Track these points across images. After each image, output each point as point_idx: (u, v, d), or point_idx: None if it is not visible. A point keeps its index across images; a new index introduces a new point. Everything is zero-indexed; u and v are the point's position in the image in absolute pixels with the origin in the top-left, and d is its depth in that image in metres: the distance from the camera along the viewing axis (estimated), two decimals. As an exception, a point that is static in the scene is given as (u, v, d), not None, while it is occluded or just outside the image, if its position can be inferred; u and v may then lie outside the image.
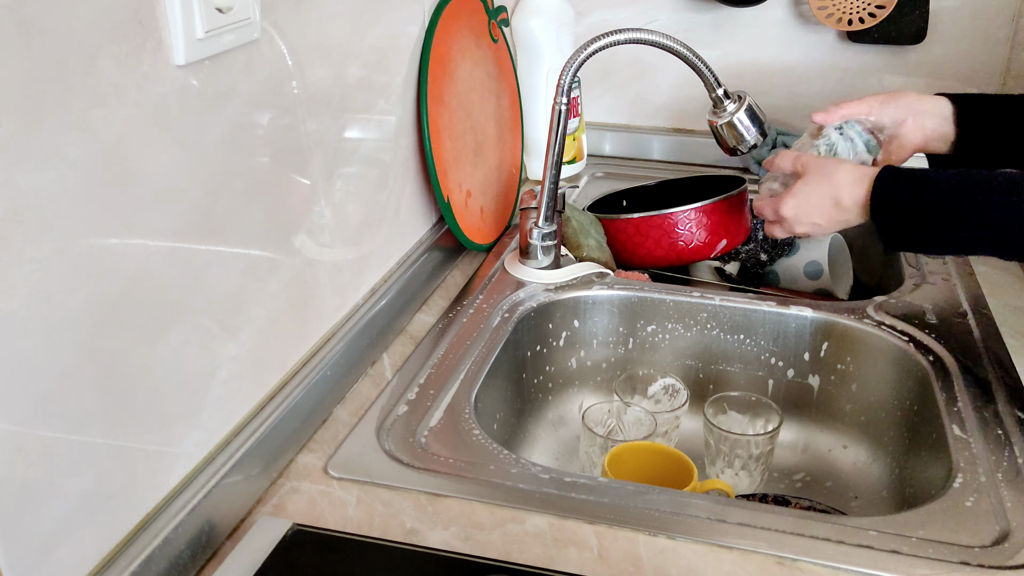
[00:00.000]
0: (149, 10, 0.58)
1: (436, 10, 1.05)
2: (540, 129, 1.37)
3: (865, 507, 0.92)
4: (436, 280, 1.09)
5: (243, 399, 0.73)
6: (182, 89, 0.62)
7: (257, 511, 0.72)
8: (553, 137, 1.01)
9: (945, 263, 1.12)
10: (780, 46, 1.42)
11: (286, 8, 0.73)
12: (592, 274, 1.08)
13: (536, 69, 1.34)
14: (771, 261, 1.24)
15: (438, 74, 1.04)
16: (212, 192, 0.66)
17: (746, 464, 0.91)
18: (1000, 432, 0.80)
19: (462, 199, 1.10)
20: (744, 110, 1.00)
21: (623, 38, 0.96)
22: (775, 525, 0.69)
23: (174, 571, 0.63)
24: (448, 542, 0.68)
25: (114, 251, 0.57)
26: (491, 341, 0.96)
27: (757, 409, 0.96)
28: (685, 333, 1.06)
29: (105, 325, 0.56)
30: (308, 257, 0.81)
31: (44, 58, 0.50)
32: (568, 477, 0.74)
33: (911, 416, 0.93)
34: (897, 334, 0.96)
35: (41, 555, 0.53)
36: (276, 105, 0.74)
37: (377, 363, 0.93)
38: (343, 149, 0.86)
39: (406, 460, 0.76)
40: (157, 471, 0.63)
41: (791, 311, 1.01)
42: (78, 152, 0.53)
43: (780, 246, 1.24)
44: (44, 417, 0.52)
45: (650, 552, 0.67)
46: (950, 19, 1.34)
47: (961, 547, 0.67)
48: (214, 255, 0.67)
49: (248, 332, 0.72)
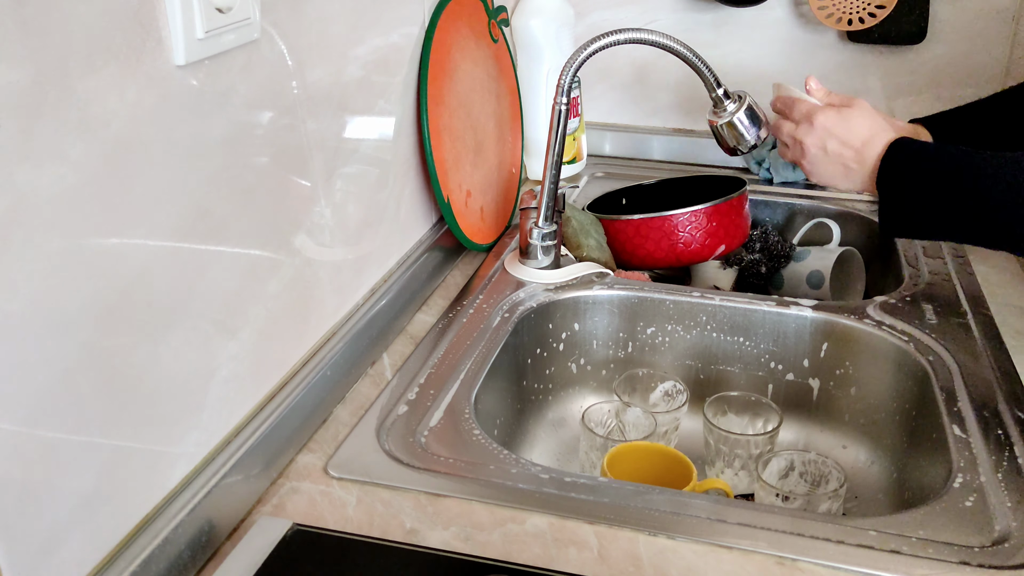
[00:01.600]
0: (149, 10, 0.58)
1: (436, 10, 1.05)
2: (540, 129, 1.37)
3: (865, 507, 0.92)
4: (436, 280, 1.09)
5: (243, 399, 0.73)
6: (182, 89, 0.62)
7: (257, 511, 0.72)
8: (553, 137, 1.01)
9: (946, 263, 1.12)
10: (780, 46, 1.42)
11: (286, 8, 0.73)
12: (592, 274, 1.08)
13: (536, 69, 1.34)
14: (771, 273, 1.24)
15: (438, 74, 1.04)
16: (212, 192, 0.66)
17: (746, 464, 0.91)
18: (1000, 432, 0.80)
19: (462, 199, 1.10)
20: (744, 110, 1.00)
21: (623, 38, 0.96)
22: (775, 525, 0.69)
23: (174, 571, 0.63)
24: (448, 542, 0.68)
25: (114, 251, 0.57)
26: (491, 341, 0.96)
27: (757, 409, 0.96)
28: (685, 333, 1.06)
29: (105, 325, 0.56)
30: (308, 257, 0.81)
31: (44, 58, 0.50)
32: (568, 477, 0.74)
33: (911, 416, 0.93)
34: (897, 334, 0.96)
35: (41, 555, 0.53)
36: (276, 105, 0.74)
37: (377, 363, 0.93)
38: (343, 149, 0.86)
39: (406, 460, 0.76)
40: (157, 471, 0.63)
41: (791, 311, 1.01)
42: (78, 152, 0.53)
43: (780, 258, 1.24)
44: (44, 417, 0.52)
45: (650, 552, 0.67)
46: (950, 19, 1.34)
47: (961, 547, 0.67)
48: (214, 255, 0.67)
49: (248, 332, 0.72)
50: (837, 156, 0.94)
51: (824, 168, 0.96)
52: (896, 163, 0.89)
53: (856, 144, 0.93)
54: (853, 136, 0.93)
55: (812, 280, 1.20)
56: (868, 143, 0.92)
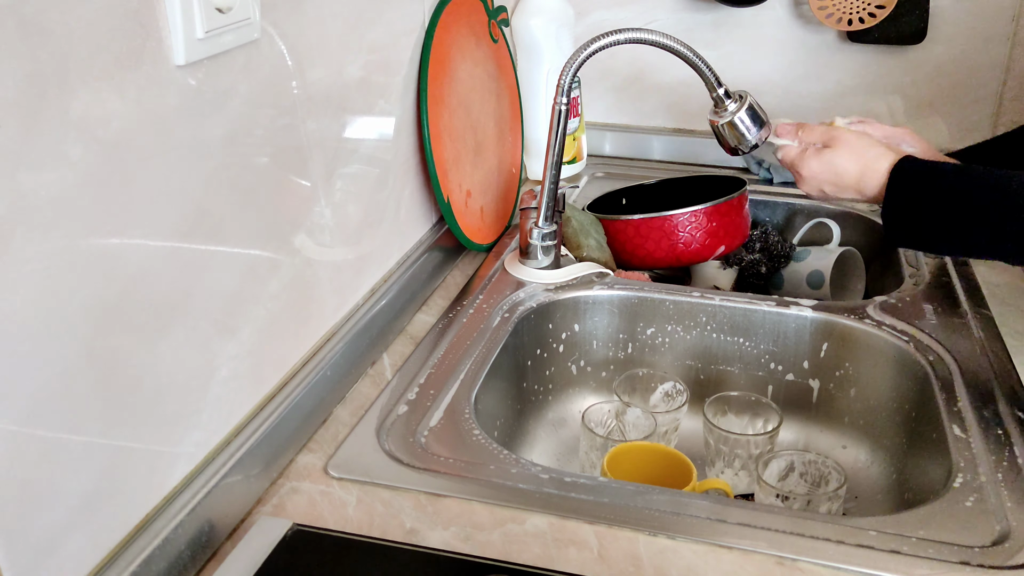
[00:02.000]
0: (149, 10, 0.58)
1: (436, 10, 1.05)
2: (540, 129, 1.37)
3: (865, 507, 0.92)
4: (436, 280, 1.09)
5: (243, 399, 0.73)
6: (182, 89, 0.62)
7: (257, 511, 0.72)
8: (553, 137, 1.01)
9: (946, 263, 1.12)
10: (780, 46, 1.42)
11: (286, 8, 0.73)
12: (592, 274, 1.08)
13: (536, 69, 1.34)
14: (770, 273, 1.24)
15: (438, 74, 1.04)
16: (212, 192, 0.66)
17: (745, 464, 0.91)
18: (1000, 432, 0.80)
19: (462, 199, 1.10)
20: (745, 109, 1.00)
21: (623, 38, 0.96)
22: (775, 525, 0.69)
23: (174, 571, 0.63)
24: (448, 542, 0.68)
25: (114, 251, 0.57)
26: (491, 341, 0.96)
27: (757, 409, 0.96)
28: (685, 333, 1.06)
29: (105, 325, 0.56)
30: (308, 257, 0.81)
31: (44, 58, 0.50)
32: (568, 477, 0.74)
33: (911, 416, 0.93)
34: (897, 334, 0.96)
35: (41, 555, 0.53)
36: (276, 105, 0.74)
37: (377, 363, 0.93)
38: (343, 149, 0.86)
39: (406, 460, 0.76)
40: (157, 471, 0.63)
41: (791, 311, 1.01)
42: (78, 152, 0.53)
43: (780, 258, 1.24)
44: (44, 417, 0.52)
45: (650, 552, 0.67)
46: (950, 19, 1.34)
47: (961, 547, 0.67)
48: (214, 255, 0.67)
49: (248, 332, 0.72)
50: (837, 193, 0.95)
51: (832, 197, 0.97)
52: (902, 186, 0.89)
53: (851, 183, 0.93)
54: (843, 178, 0.94)
55: (812, 280, 1.20)
56: (862, 178, 0.92)
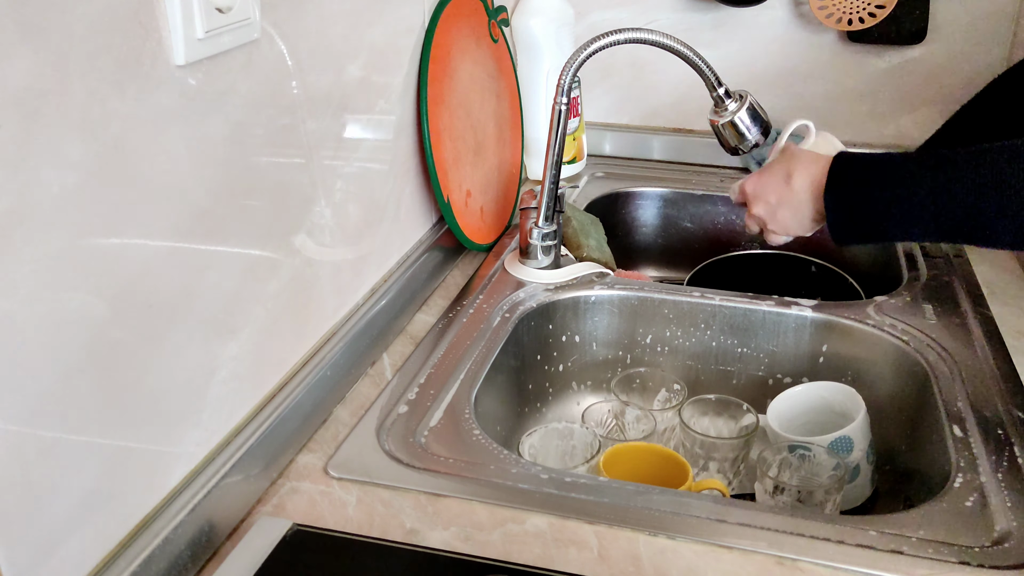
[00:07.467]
0: (149, 10, 0.58)
1: (436, 10, 1.05)
2: (540, 129, 1.37)
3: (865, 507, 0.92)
4: (436, 280, 1.09)
5: (243, 399, 0.73)
6: (182, 89, 0.62)
7: (257, 511, 0.72)
8: (553, 137, 1.01)
9: (946, 263, 1.12)
10: (780, 46, 1.42)
11: (286, 8, 0.73)
12: (592, 274, 1.08)
13: (536, 69, 1.34)
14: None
15: (438, 74, 1.04)
16: (212, 192, 0.66)
17: (721, 467, 0.90)
18: (1000, 432, 0.80)
19: (462, 199, 1.10)
20: (745, 109, 1.00)
21: (623, 38, 0.96)
22: (775, 525, 0.69)
23: (174, 571, 0.63)
24: (448, 542, 0.68)
25: (114, 251, 0.57)
26: (491, 341, 0.96)
27: (733, 411, 0.94)
28: (685, 334, 1.06)
29: (105, 325, 0.56)
30: (308, 257, 0.81)
31: (44, 58, 0.50)
32: (568, 477, 0.74)
33: (911, 416, 0.93)
34: (897, 334, 0.96)
35: (41, 555, 0.53)
36: (276, 105, 0.74)
37: (377, 363, 0.93)
38: (343, 149, 0.86)
39: (406, 460, 0.76)
40: (157, 471, 0.63)
41: (791, 311, 1.01)
42: (78, 152, 0.53)
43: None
44: (44, 417, 0.52)
45: (650, 552, 0.67)
46: (950, 19, 1.34)
47: (961, 547, 0.67)
48: (214, 255, 0.67)
49: (248, 332, 0.72)
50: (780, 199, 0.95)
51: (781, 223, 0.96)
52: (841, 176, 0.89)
53: (780, 189, 0.94)
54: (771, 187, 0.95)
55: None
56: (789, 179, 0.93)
